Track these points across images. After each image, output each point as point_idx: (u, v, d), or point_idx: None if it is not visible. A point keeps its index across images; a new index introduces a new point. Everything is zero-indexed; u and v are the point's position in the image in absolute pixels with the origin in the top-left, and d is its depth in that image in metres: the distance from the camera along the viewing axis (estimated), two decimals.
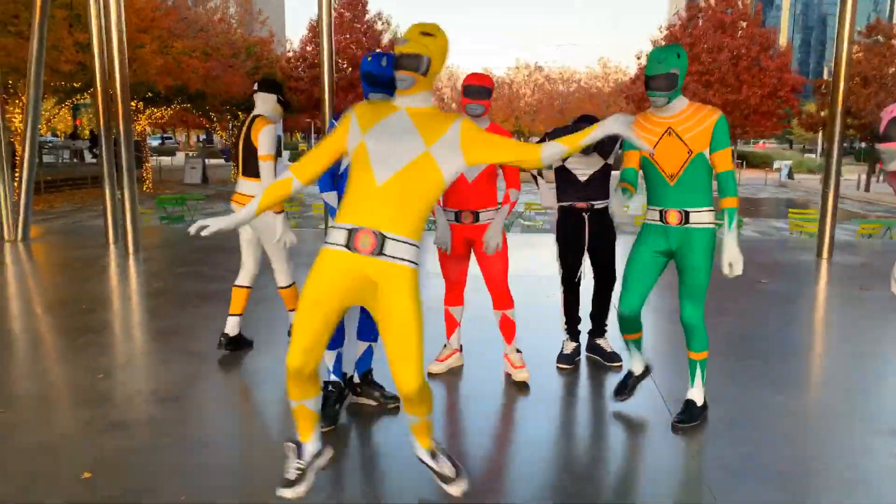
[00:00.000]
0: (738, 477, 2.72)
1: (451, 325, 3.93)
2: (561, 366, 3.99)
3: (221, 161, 37.67)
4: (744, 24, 32.50)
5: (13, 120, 15.89)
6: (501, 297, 3.71)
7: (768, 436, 3.10)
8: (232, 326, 4.21)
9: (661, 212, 3.04)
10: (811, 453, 2.95)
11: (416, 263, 2.25)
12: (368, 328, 3.32)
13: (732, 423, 3.24)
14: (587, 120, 3.79)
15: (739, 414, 3.34)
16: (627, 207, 3.05)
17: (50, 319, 5.00)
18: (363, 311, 3.29)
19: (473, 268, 4.45)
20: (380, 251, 2.18)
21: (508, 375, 3.81)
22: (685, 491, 2.64)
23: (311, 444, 2.43)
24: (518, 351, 3.81)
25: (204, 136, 53.97)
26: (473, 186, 3.59)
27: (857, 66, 31.18)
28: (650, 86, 2.90)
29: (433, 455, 2.46)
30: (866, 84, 29.71)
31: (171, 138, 59.22)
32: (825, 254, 7.69)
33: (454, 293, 3.87)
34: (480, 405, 3.45)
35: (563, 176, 3.89)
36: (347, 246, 2.19)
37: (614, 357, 4.03)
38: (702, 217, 2.99)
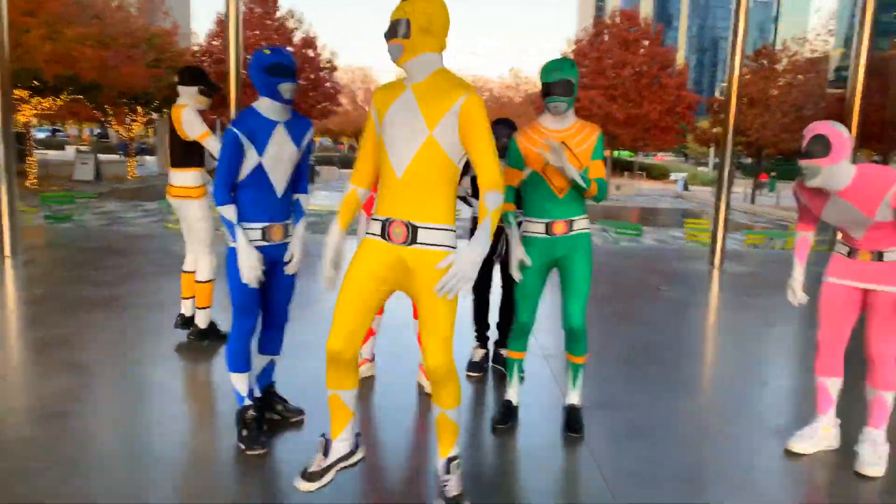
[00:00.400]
0: (640, 481, 2.80)
1: (367, 333, 3.81)
2: (470, 374, 3.98)
3: (116, 157, 35.45)
4: (646, 42, 34.26)
5: None
6: None
7: (668, 439, 3.21)
8: (187, 307, 4.45)
9: (546, 224, 3.10)
10: (707, 456, 3.08)
11: (454, 247, 2.31)
12: (269, 342, 3.17)
13: (634, 427, 3.33)
14: (504, 123, 3.79)
15: (641, 419, 3.45)
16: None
17: None
18: (264, 324, 3.15)
19: None
20: (412, 241, 2.27)
21: (421, 386, 3.75)
22: (589, 496, 2.68)
23: (339, 443, 2.51)
24: None
25: (99, 130, 50.60)
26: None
27: (745, 88, 33.60)
28: (552, 92, 2.98)
29: (447, 466, 2.45)
30: (752, 104, 32.06)
31: (61, 131, 55.05)
32: (717, 263, 8.17)
33: None
34: (392, 415, 3.37)
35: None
36: (383, 236, 2.30)
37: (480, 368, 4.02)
38: (583, 223, 3.15)
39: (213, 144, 3.97)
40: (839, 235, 3.08)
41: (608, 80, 33.15)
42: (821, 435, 3.13)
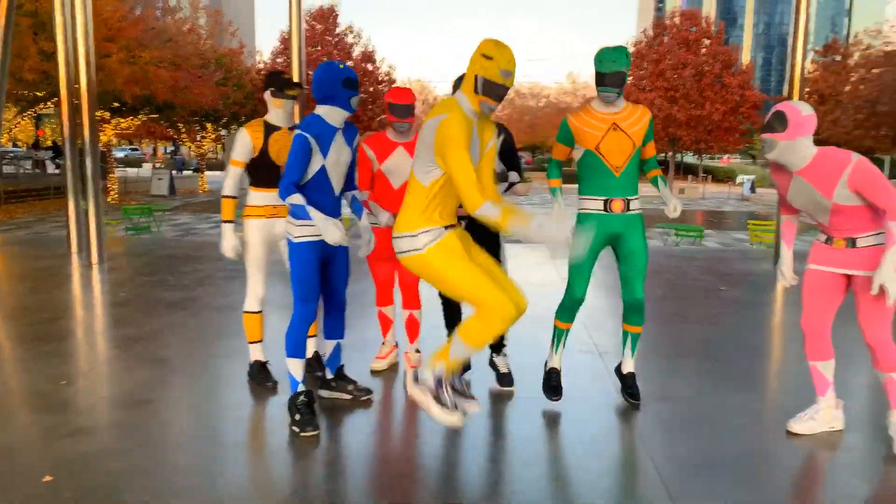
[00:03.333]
0: (692, 469, 2.83)
1: (386, 323, 4.08)
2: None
3: (189, 173, 37.17)
4: (707, 41, 33.42)
5: None
6: (411, 298, 3.92)
7: (719, 431, 3.23)
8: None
9: (605, 201, 3.27)
10: (757, 446, 3.08)
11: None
12: (333, 327, 3.42)
13: (685, 420, 3.36)
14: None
15: (692, 411, 3.47)
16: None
17: (10, 328, 4.92)
18: (327, 312, 3.39)
19: None
20: None
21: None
22: (643, 485, 2.73)
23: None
24: (417, 351, 3.99)
25: (172, 148, 53.20)
26: (399, 192, 3.78)
27: (814, 85, 32.27)
28: (605, 82, 3.12)
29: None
30: (823, 101, 30.78)
31: (136, 150, 58.10)
32: None
33: (385, 294, 4.02)
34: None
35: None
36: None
37: (506, 380, 3.71)
38: (638, 204, 3.33)
39: (231, 173, 3.55)
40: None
41: (668, 81, 32.50)
42: (822, 416, 3.18)
